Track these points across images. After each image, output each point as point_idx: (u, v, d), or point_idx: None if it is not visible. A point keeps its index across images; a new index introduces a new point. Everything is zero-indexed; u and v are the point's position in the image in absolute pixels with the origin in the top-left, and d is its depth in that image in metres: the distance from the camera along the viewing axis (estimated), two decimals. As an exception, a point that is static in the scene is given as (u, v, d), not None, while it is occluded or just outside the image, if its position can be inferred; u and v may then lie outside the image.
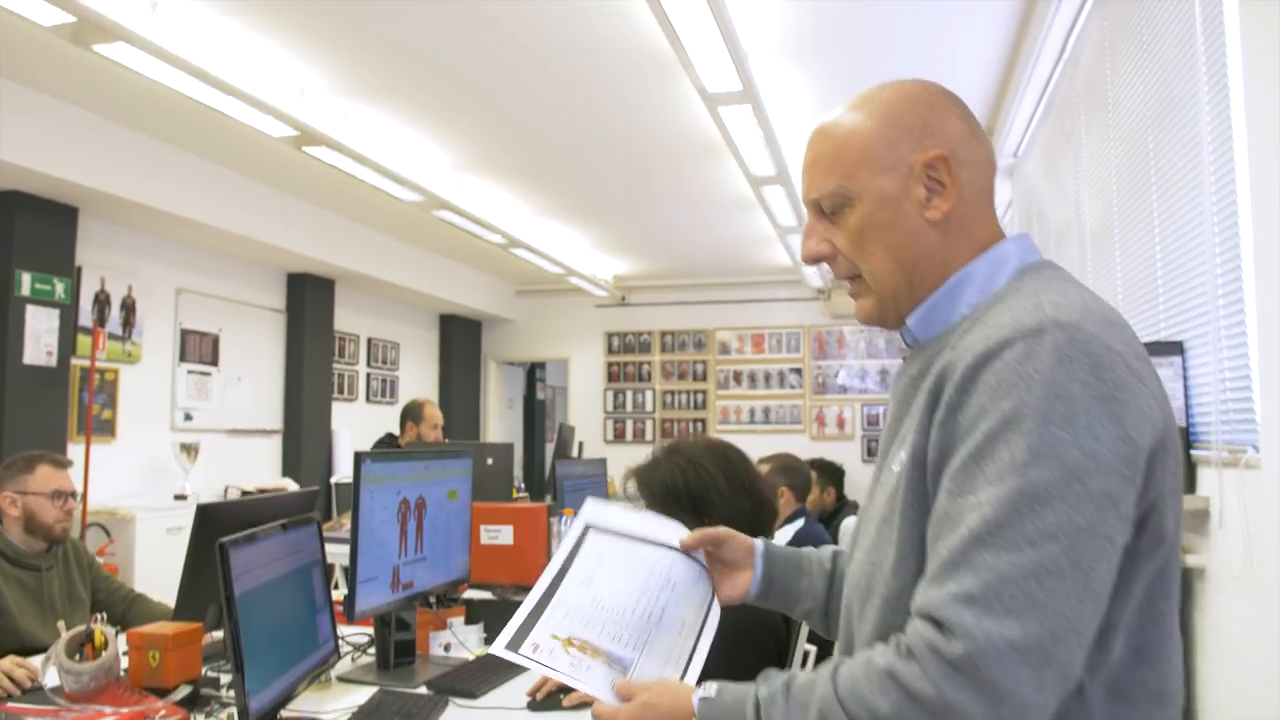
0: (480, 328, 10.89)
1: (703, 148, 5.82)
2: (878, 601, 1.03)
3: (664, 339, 10.70)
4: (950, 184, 1.08)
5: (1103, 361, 0.91)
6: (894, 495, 1.04)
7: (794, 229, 7.27)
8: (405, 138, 5.56)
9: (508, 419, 11.41)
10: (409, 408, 5.01)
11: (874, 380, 10.31)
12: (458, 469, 2.75)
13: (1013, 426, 0.90)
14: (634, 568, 1.26)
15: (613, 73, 4.70)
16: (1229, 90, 2.25)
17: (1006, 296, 1.04)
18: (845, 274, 1.16)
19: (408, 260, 8.44)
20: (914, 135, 1.10)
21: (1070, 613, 0.86)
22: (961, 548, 0.89)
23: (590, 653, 1.16)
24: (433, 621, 2.64)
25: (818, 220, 1.16)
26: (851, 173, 1.10)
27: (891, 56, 4.61)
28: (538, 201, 7.15)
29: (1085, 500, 0.88)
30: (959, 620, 0.86)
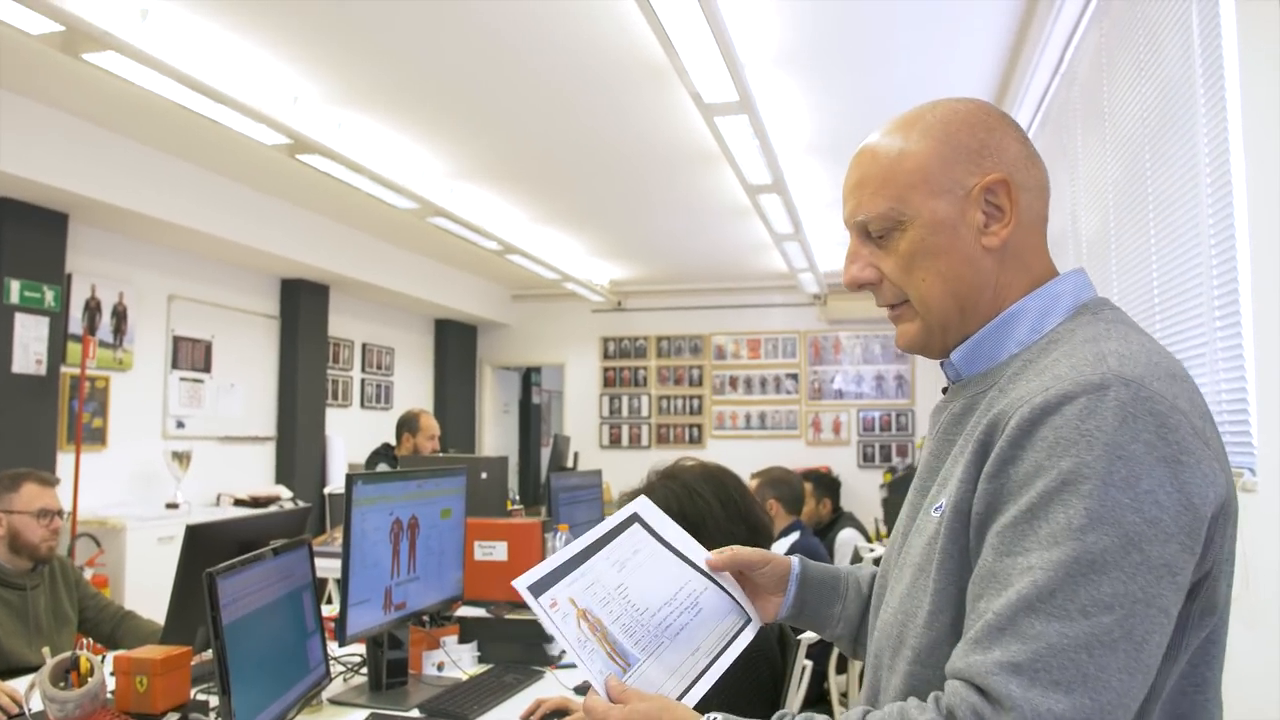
0: (476, 332, 10.86)
1: (699, 156, 5.80)
2: (909, 654, 0.98)
3: (660, 344, 10.68)
4: (1010, 210, 1.04)
5: (1168, 422, 0.87)
6: (932, 544, 0.99)
7: (790, 236, 7.26)
8: (399, 145, 5.53)
9: (503, 424, 11.39)
10: (405, 419, 4.98)
11: (870, 385, 10.31)
12: (451, 487, 2.72)
13: (1071, 488, 0.85)
14: (666, 578, 1.21)
15: (609, 81, 4.68)
16: (1226, 105, 2.24)
17: (1061, 339, 1.00)
18: (891, 300, 1.10)
19: (402, 265, 8.42)
20: (971, 157, 1.04)
21: (1120, 687, 0.82)
22: (1010, 613, 0.85)
23: (599, 637, 1.11)
24: (425, 640, 2.62)
25: (862, 244, 1.10)
26: (904, 195, 1.05)
27: (887, 68, 4.59)
28: (533, 208, 7.12)
29: (1144, 570, 0.84)
30: (1005, 691, 0.82)
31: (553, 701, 2.24)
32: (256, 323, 7.45)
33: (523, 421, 12.12)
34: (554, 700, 2.25)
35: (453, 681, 2.50)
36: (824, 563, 1.35)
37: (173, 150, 5.65)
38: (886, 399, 10.28)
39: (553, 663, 2.72)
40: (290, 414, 7.61)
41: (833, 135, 5.56)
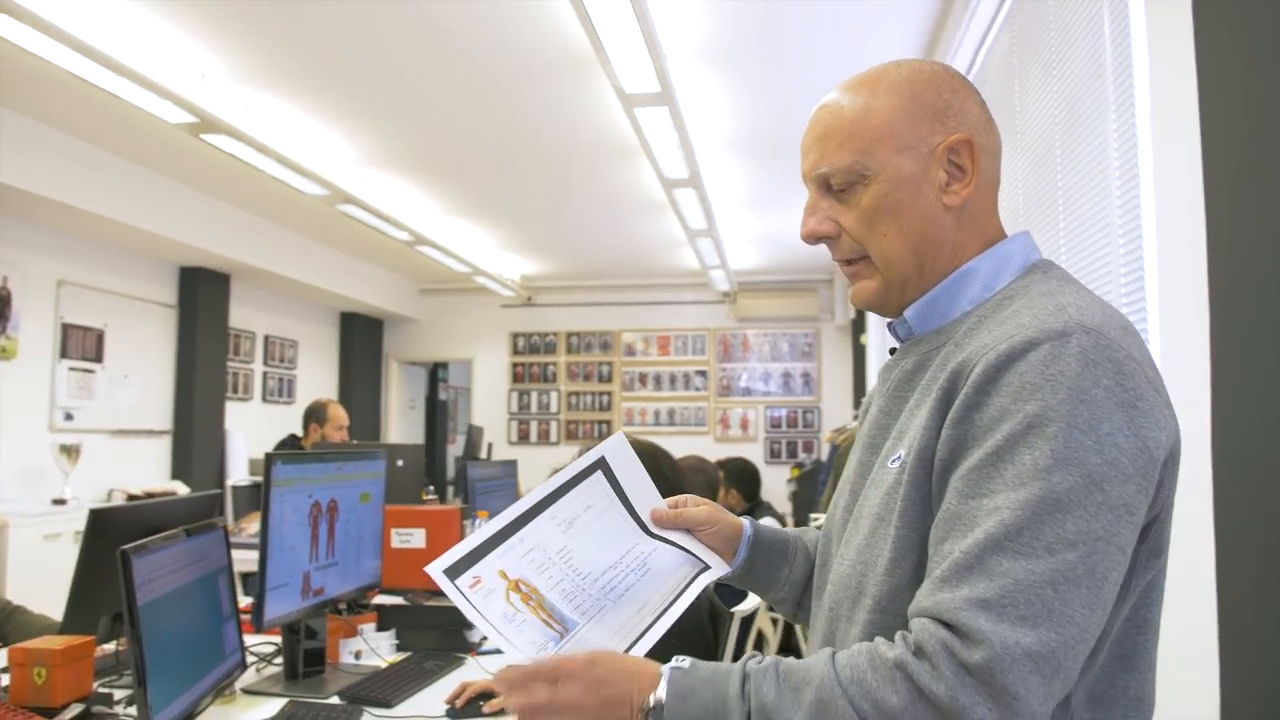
0: (382, 326, 10.66)
1: (617, 149, 5.79)
2: (869, 602, 0.99)
3: (570, 340, 10.65)
4: (971, 170, 1.05)
5: (1125, 369, 0.90)
6: (892, 493, 0.99)
7: (704, 232, 7.30)
8: (310, 129, 5.39)
9: (409, 420, 11.20)
10: (312, 408, 4.84)
11: (777, 384, 10.45)
12: (370, 471, 2.65)
13: (1036, 430, 0.87)
14: (615, 537, 1.16)
15: (529, 70, 4.64)
16: (1135, 104, 2.31)
17: (1017, 295, 1.02)
18: (849, 255, 1.10)
19: (308, 255, 8.21)
20: (937, 116, 1.05)
21: (1083, 622, 0.84)
22: (977, 551, 0.86)
23: (533, 606, 1.05)
24: (343, 629, 2.54)
25: (822, 197, 1.09)
26: (869, 149, 1.04)
27: (804, 66, 4.65)
28: (446, 199, 7.02)
29: (1105, 509, 0.86)
30: (975, 625, 0.83)
31: (479, 684, 2.20)
32: (152, 311, 7.17)
33: (429, 418, 11.94)
34: (480, 683, 2.21)
35: (371, 669, 2.44)
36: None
37: (65, 125, 5.39)
38: (793, 396, 10.43)
39: (473, 649, 2.67)
40: (187, 407, 7.34)
41: (749, 132, 5.61)
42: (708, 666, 0.95)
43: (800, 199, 4.92)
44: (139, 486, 6.34)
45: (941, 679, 0.83)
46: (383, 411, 10.60)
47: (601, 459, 1.20)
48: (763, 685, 0.90)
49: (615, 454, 1.21)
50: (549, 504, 1.13)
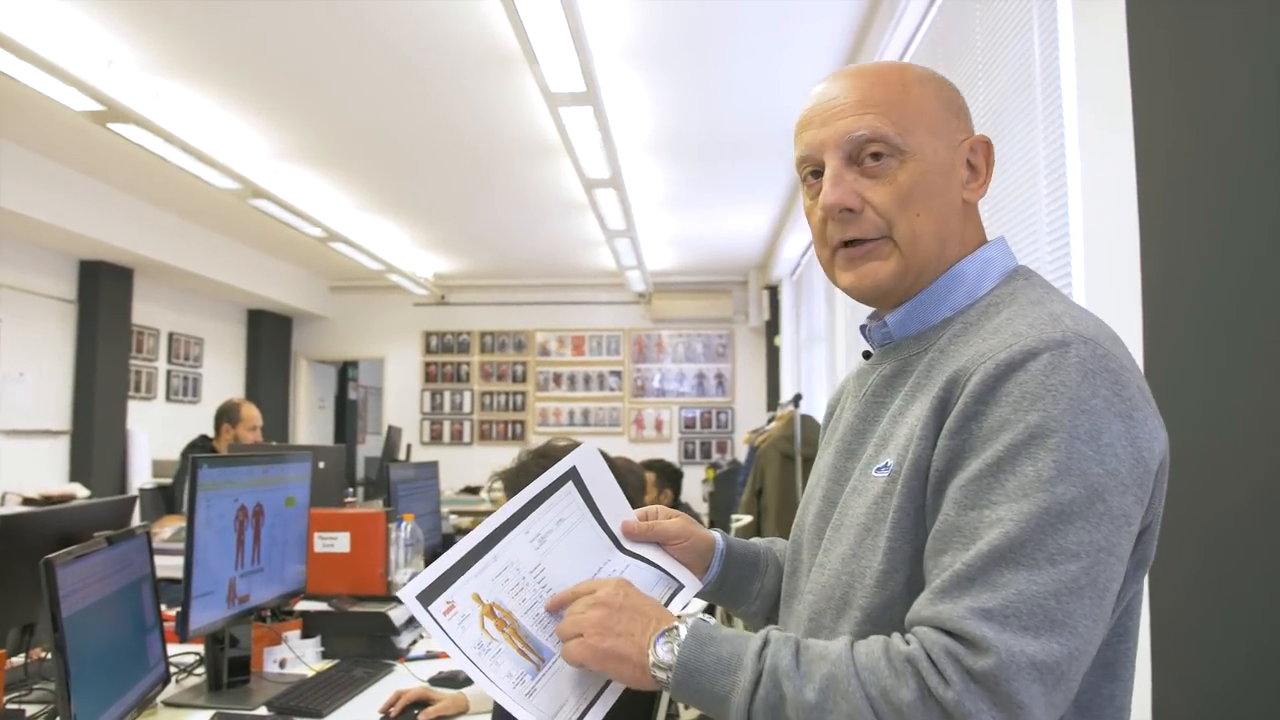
0: (291, 324, 10.41)
1: (538, 148, 5.76)
2: (857, 614, 0.97)
3: (484, 339, 10.56)
4: (985, 171, 1.06)
5: (1121, 379, 0.89)
6: (880, 503, 0.98)
7: (622, 232, 7.31)
8: (223, 120, 5.23)
9: (319, 420, 10.95)
10: (225, 408, 4.69)
11: (691, 384, 10.52)
12: (296, 474, 2.58)
13: (1038, 441, 0.86)
14: (587, 554, 1.11)
15: (451, 66, 4.58)
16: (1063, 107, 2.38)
17: (1003, 302, 1.01)
18: (867, 233, 1.04)
19: (215, 250, 7.96)
20: (959, 114, 1.06)
21: (1086, 633, 0.84)
22: (980, 563, 0.85)
23: (508, 634, 1.00)
24: (267, 636, 2.47)
25: (846, 168, 1.03)
26: (910, 127, 1.02)
27: (728, 67, 4.69)
28: (362, 195, 6.88)
29: (1106, 520, 0.85)
30: (980, 634, 0.82)
31: (413, 693, 2.17)
32: (50, 307, 6.86)
33: (338, 418, 11.70)
34: (414, 691, 2.17)
35: (298, 678, 2.37)
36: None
37: (-42, 113, 5.13)
38: (707, 397, 10.51)
39: (402, 655, 2.62)
40: (87, 407, 7.05)
41: (670, 133, 5.64)
42: (734, 631, 0.96)
43: (718, 202, 5.02)
44: (35, 489, 6.07)
45: (949, 685, 0.82)
46: (291, 411, 10.35)
47: (573, 469, 1.15)
48: (781, 650, 0.90)
49: (586, 464, 1.17)
50: (522, 518, 1.08)
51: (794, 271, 8.81)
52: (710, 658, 0.93)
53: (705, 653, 0.93)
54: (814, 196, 1.08)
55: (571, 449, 1.98)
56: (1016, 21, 2.72)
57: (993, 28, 2.93)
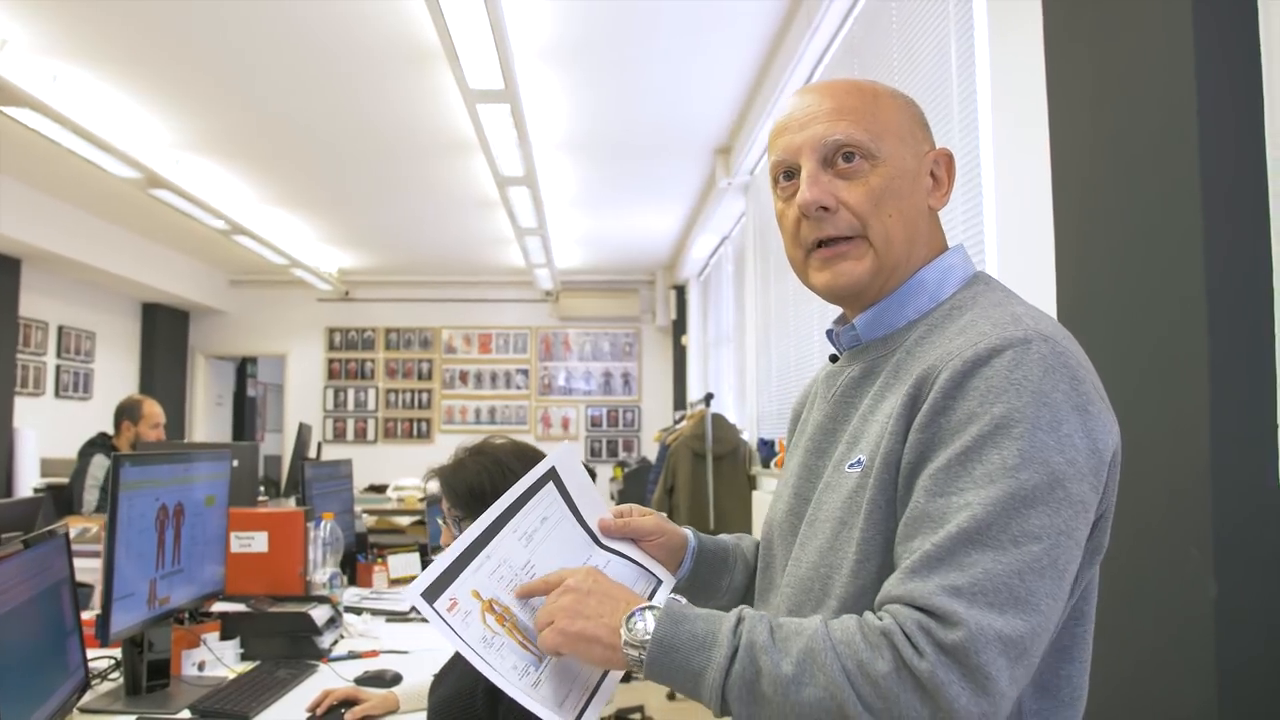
0: (188, 319, 10.10)
1: (452, 144, 5.72)
2: (834, 604, 1.01)
3: (389, 336, 10.41)
4: (947, 182, 1.13)
5: (1077, 375, 0.95)
6: (853, 497, 1.02)
7: (534, 230, 7.30)
8: (124, 107, 5.05)
9: (216, 417, 10.64)
10: (125, 405, 4.53)
11: (597, 383, 10.55)
12: (216, 472, 2.53)
13: (1004, 431, 0.91)
14: (571, 550, 1.15)
15: (368, 60, 4.51)
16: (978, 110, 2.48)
17: (966, 305, 1.06)
18: (840, 231, 1.09)
19: (109, 241, 7.67)
20: (924, 128, 1.13)
21: (1047, 610, 0.89)
22: (949, 545, 0.89)
23: (508, 628, 1.03)
24: (185, 639, 2.42)
25: (821, 170, 1.09)
26: (881, 133, 1.08)
27: (645, 70, 4.74)
28: (267, 187, 6.72)
29: (1066, 505, 0.90)
30: (950, 609, 0.86)
31: (340, 692, 2.15)
32: (-71, 298, 6.53)
33: (236, 415, 11.38)
34: (341, 690, 2.16)
35: (218, 681, 2.33)
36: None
37: None
38: (614, 396, 10.56)
39: (324, 655, 2.59)
40: (-31, 403, 6.73)
41: (585, 133, 5.66)
42: (703, 609, 0.98)
43: (629, 202, 5.10)
44: (-88, 490, 5.77)
45: (922, 656, 0.86)
46: (188, 408, 10.04)
47: (552, 469, 1.18)
48: (756, 627, 0.93)
49: (564, 464, 1.19)
50: (510, 517, 1.11)
51: (702, 272, 8.92)
52: (685, 634, 0.95)
53: (680, 630, 0.95)
54: (786, 199, 1.12)
55: (509, 445, 2.01)
56: (933, 31, 2.82)
57: (909, 36, 3.03)
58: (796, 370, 4.85)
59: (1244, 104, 1.39)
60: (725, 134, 5.67)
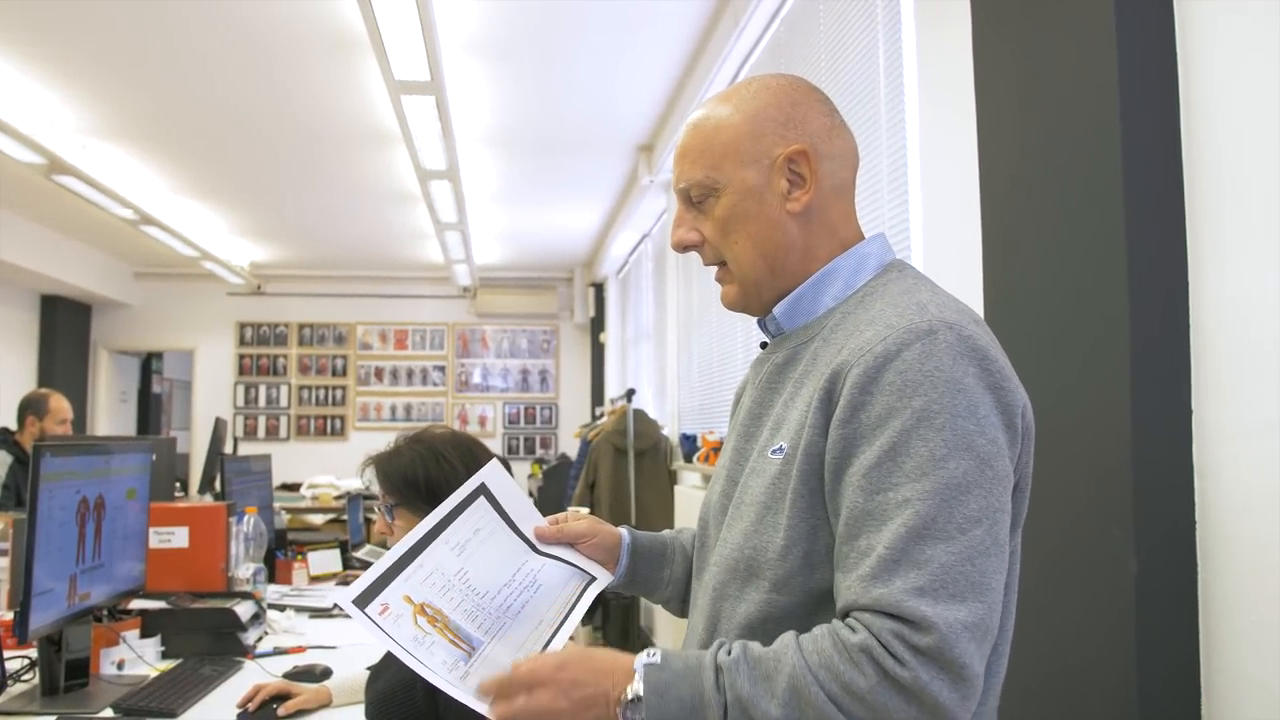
0: (90, 312, 9.75)
1: (373, 136, 5.64)
2: (765, 584, 1.05)
3: (302, 332, 10.21)
4: (810, 177, 1.12)
5: (986, 356, 1.00)
6: (776, 483, 1.06)
7: (454, 225, 7.24)
8: (24, 89, 4.85)
9: (120, 414, 10.29)
10: (30, 400, 4.36)
11: (515, 380, 10.51)
12: (137, 465, 2.47)
13: (926, 423, 0.95)
14: (505, 557, 1.20)
15: (287, 47, 4.43)
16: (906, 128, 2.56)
17: (877, 292, 1.10)
18: (712, 261, 1.19)
19: (6, 230, 7.35)
20: (777, 129, 1.13)
21: (998, 586, 0.95)
22: (901, 544, 0.93)
23: (440, 628, 1.09)
24: (105, 637, 2.35)
25: (686, 209, 1.17)
26: (717, 164, 1.13)
27: (570, 66, 4.74)
28: (177, 176, 6.53)
29: (995, 484, 0.96)
30: (919, 613, 0.90)
31: (272, 686, 2.12)
32: None
33: (141, 412, 11.03)
34: (273, 685, 2.13)
35: (139, 679, 2.27)
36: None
37: None
38: (531, 393, 10.53)
39: (249, 652, 2.55)
40: None
41: (508, 128, 5.64)
42: (678, 659, 0.98)
43: (549, 198, 5.17)
44: None
45: (903, 665, 0.90)
46: (90, 405, 9.68)
47: (482, 485, 1.24)
48: (737, 678, 0.95)
49: (493, 479, 1.25)
50: (441, 530, 1.17)
51: (620, 270, 8.95)
52: (674, 704, 0.96)
53: (667, 701, 0.96)
54: None
55: (447, 435, 2.00)
56: (861, 31, 2.89)
57: (837, 36, 3.09)
58: (719, 366, 4.91)
59: (1162, 101, 1.46)
60: (648, 131, 5.70)
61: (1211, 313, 1.41)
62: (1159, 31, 1.48)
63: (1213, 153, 1.42)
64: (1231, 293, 1.38)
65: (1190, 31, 1.47)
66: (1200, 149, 1.44)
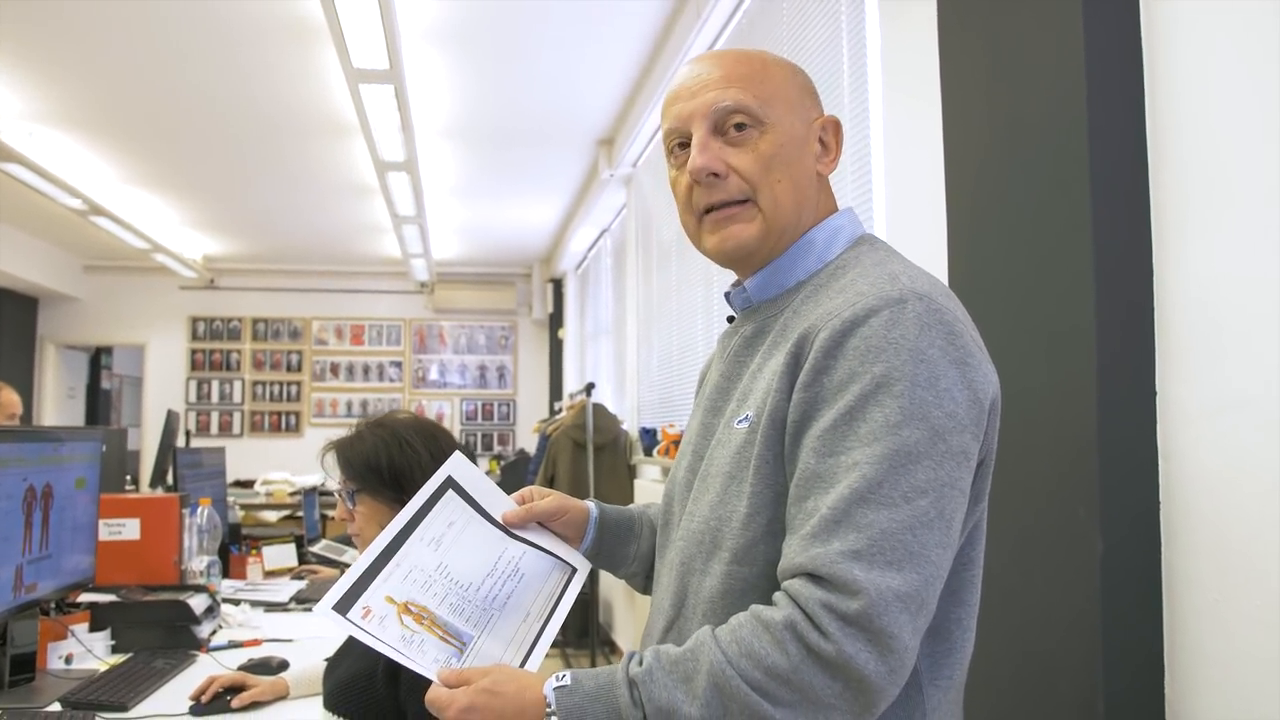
0: (37, 305, 9.53)
1: (330, 127, 5.56)
2: (726, 555, 1.04)
3: (256, 326, 10.06)
4: (835, 149, 1.16)
5: (954, 329, 0.98)
6: (741, 452, 1.05)
7: (411, 218, 7.16)
8: (-30, 74, 4.73)
9: (68, 409, 10.07)
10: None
11: (472, 376, 10.44)
12: (86, 454, 2.40)
13: (884, 389, 0.94)
14: (483, 547, 1.18)
15: (242, 34, 4.35)
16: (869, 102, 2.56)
17: (849, 265, 1.10)
18: (735, 196, 1.12)
19: (-51, 220, 7.18)
20: (812, 96, 1.17)
21: (938, 560, 0.93)
22: (844, 506, 0.92)
23: (427, 625, 1.07)
24: (52, 630, 2.29)
25: (712, 137, 1.11)
26: (770, 100, 1.11)
27: (532, 57, 4.71)
28: (128, 166, 6.40)
29: (948, 457, 0.94)
30: (851, 577, 0.89)
31: (226, 678, 2.08)
32: None
33: (90, 408, 10.81)
34: (228, 677, 2.08)
35: (88, 674, 2.21)
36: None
37: None
38: (489, 389, 10.47)
39: (204, 645, 2.50)
40: None
41: (467, 120, 5.59)
42: (589, 679, 0.96)
43: (509, 192, 5.15)
44: None
45: (828, 637, 0.89)
46: (36, 400, 9.46)
47: (448, 478, 1.21)
48: (653, 689, 0.93)
49: (459, 471, 1.22)
50: (414, 527, 1.14)
51: (580, 265, 8.92)
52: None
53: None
54: (680, 166, 1.15)
55: (410, 420, 1.97)
56: (824, 20, 2.89)
57: (800, 26, 3.09)
58: (679, 359, 4.90)
59: (1127, 85, 1.48)
60: (609, 125, 5.68)
61: (1176, 295, 1.42)
62: (1125, 16, 1.50)
63: (1177, 136, 1.43)
64: (1195, 275, 1.39)
65: (1156, 17, 1.48)
66: (1165, 133, 1.45)
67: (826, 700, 0.89)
